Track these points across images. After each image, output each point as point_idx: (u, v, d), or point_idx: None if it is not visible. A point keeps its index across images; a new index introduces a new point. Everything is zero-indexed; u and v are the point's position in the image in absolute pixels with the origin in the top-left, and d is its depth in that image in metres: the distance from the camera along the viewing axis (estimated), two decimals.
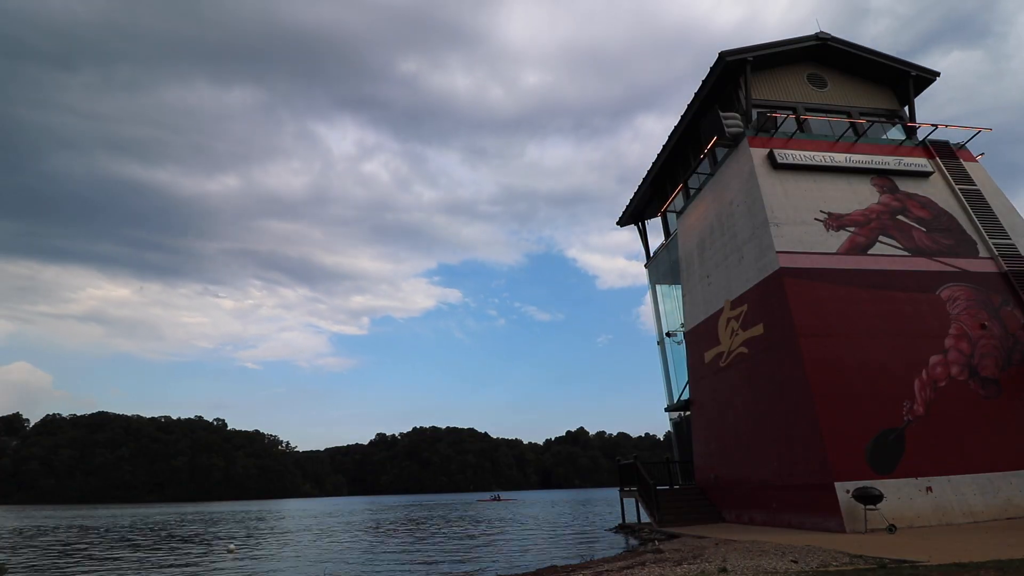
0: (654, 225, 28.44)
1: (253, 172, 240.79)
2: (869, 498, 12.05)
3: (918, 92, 20.75)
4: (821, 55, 20.58)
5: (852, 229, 16.59)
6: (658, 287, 27.29)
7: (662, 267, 26.57)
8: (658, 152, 24.20)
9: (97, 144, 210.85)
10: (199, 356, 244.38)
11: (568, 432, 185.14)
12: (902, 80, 20.54)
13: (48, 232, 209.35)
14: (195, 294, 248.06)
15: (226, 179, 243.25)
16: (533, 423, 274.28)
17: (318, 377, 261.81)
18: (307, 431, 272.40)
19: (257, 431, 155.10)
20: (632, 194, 27.32)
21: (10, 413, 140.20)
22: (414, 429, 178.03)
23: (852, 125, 18.87)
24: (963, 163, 18.84)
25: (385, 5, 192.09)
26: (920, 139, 19.33)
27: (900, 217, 17.13)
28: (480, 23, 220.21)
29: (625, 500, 21.23)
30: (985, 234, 17.01)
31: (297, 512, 50.08)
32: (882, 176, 17.90)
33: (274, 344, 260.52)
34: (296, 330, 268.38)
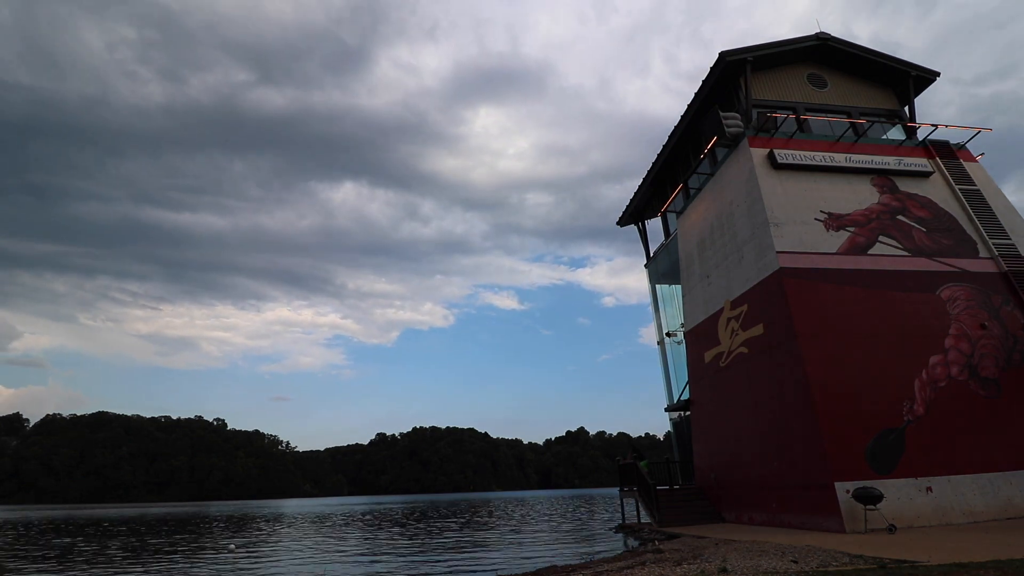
0: (654, 225, 28.46)
1: (263, 216, 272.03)
2: (869, 498, 12.04)
3: (918, 92, 20.75)
4: (821, 55, 20.58)
5: (852, 229, 16.59)
6: (658, 287, 27.30)
7: (662, 267, 26.57)
8: (658, 152, 24.20)
9: (124, 196, 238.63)
10: (227, 367, 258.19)
11: (568, 432, 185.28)
12: (902, 80, 20.54)
13: (85, 254, 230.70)
14: (234, 311, 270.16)
15: (239, 220, 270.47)
16: (533, 423, 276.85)
17: (332, 384, 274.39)
18: (307, 431, 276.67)
19: (257, 431, 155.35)
20: (632, 195, 27.34)
21: (10, 413, 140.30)
22: (414, 429, 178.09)
23: (852, 125, 18.87)
24: (963, 163, 18.83)
25: (383, 121, 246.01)
26: (920, 139, 19.33)
27: (900, 217, 17.13)
28: (461, 131, 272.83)
29: (625, 500, 21.23)
30: (985, 234, 17.01)
31: (297, 512, 50.09)
32: (882, 176, 17.90)
33: (298, 356, 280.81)
34: (318, 343, 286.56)
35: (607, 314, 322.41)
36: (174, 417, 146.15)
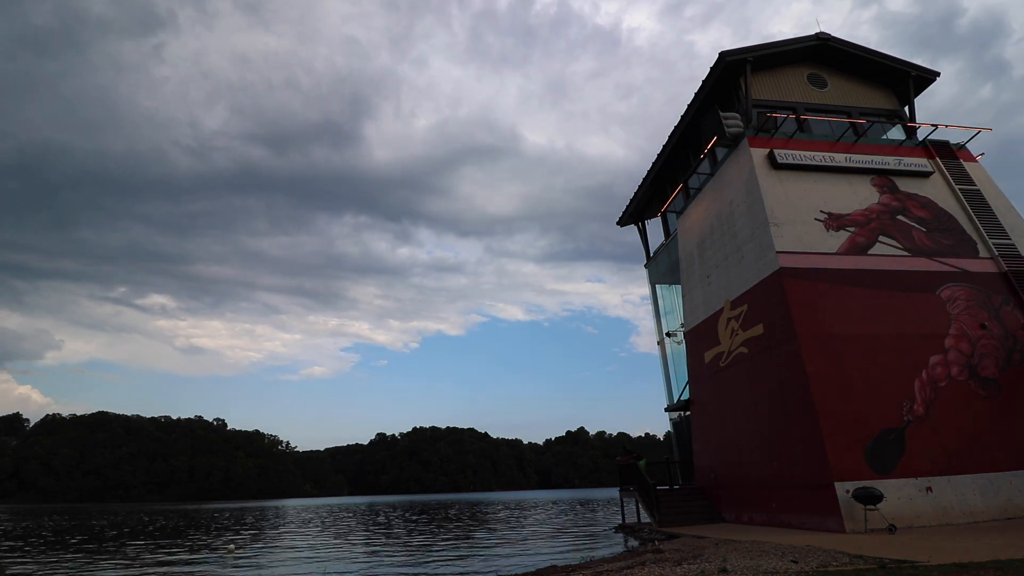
0: (654, 225, 28.45)
1: (268, 242, 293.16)
2: (869, 498, 12.05)
3: (918, 92, 20.75)
4: (821, 55, 20.58)
5: (852, 229, 16.59)
6: (658, 287, 27.29)
7: (662, 267, 26.57)
8: (658, 152, 24.20)
9: (133, 223, 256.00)
10: (245, 375, 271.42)
11: (568, 432, 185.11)
12: (902, 80, 20.54)
13: (98, 272, 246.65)
14: (252, 322, 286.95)
15: (248, 245, 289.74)
16: (533, 423, 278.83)
17: (343, 389, 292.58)
18: (308, 432, 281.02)
19: (257, 431, 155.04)
20: (632, 195, 27.34)
21: (10, 413, 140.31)
22: (414, 429, 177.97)
23: (852, 125, 18.86)
24: (963, 163, 18.84)
25: (378, 179, 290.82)
26: (920, 139, 19.33)
27: (900, 217, 17.13)
28: (449, 184, 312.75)
29: (625, 500, 21.23)
30: (985, 234, 17.01)
31: (297, 512, 50.08)
32: (882, 176, 17.90)
33: (314, 364, 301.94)
34: (328, 351, 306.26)
35: (604, 323, 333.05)
36: (174, 417, 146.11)
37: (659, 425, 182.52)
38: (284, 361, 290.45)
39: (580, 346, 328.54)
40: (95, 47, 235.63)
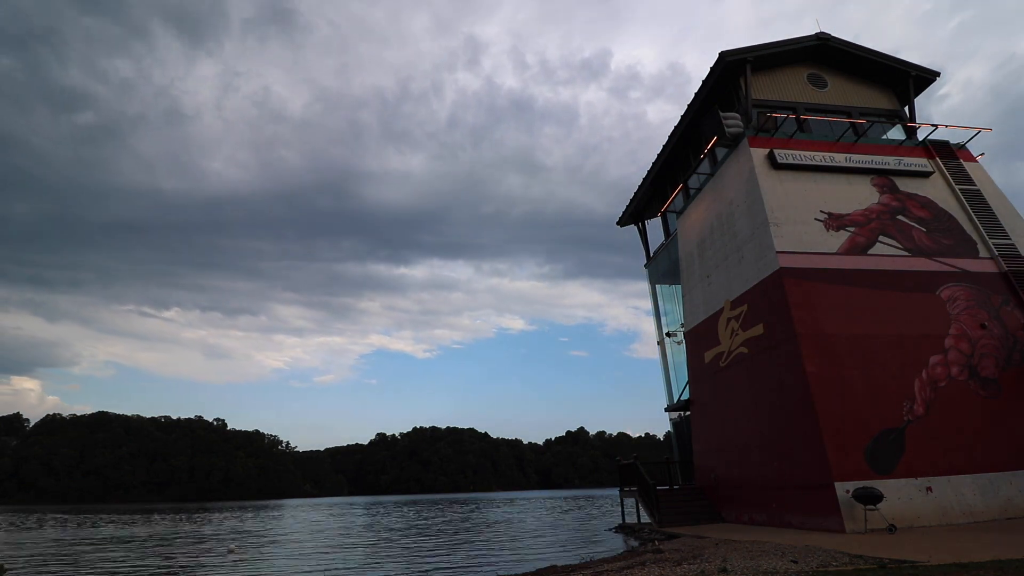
0: (654, 225, 28.45)
1: (272, 263, 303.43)
2: (869, 498, 12.05)
3: (918, 92, 20.75)
4: (821, 55, 20.59)
5: (852, 229, 16.59)
6: (658, 287, 27.29)
7: (662, 267, 26.57)
8: (658, 152, 24.20)
9: (150, 251, 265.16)
10: (258, 382, 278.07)
11: (568, 432, 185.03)
12: (902, 80, 20.54)
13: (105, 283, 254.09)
14: (265, 333, 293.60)
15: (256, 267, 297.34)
16: (533, 423, 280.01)
17: (353, 393, 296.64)
18: (307, 431, 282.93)
19: (257, 431, 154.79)
20: (632, 194, 27.34)
21: (10, 413, 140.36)
22: (414, 429, 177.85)
23: (852, 125, 18.86)
24: (963, 163, 18.84)
25: (375, 220, 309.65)
26: (920, 139, 19.33)
27: (900, 217, 17.13)
28: (438, 224, 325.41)
29: (625, 500, 21.24)
30: (985, 234, 17.01)
31: (297, 512, 50.07)
32: (882, 176, 17.90)
33: (324, 371, 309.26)
34: (335, 358, 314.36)
35: (604, 331, 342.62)
36: (174, 417, 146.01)
37: (659, 425, 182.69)
38: (302, 369, 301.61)
39: (581, 351, 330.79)
40: (132, 135, 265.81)
